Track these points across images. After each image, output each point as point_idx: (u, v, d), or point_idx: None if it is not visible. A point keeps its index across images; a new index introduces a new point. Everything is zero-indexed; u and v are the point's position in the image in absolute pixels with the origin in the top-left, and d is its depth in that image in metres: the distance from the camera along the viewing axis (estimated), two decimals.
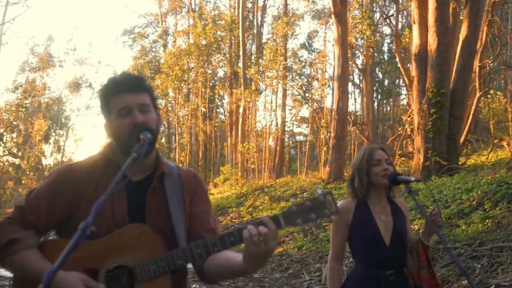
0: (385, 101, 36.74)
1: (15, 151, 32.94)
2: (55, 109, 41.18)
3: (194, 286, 3.94)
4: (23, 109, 29.04)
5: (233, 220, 14.40)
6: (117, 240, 1.75)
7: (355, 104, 36.51)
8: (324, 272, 7.67)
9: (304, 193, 14.37)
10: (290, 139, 35.42)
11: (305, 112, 33.54)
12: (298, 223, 1.69)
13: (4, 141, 28.32)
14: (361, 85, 27.85)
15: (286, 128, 31.37)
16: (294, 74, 28.21)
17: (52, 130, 41.42)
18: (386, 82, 34.87)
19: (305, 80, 30.06)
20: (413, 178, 2.81)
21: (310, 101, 27.92)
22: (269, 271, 9.16)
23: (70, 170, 1.88)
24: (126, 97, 1.81)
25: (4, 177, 30.71)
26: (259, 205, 14.93)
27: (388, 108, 36.19)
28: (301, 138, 34.48)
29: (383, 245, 2.84)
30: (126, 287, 1.73)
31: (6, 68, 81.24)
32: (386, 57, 32.12)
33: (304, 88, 29.11)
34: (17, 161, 33.98)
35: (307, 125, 31.01)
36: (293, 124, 34.88)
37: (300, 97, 28.58)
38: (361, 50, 25.48)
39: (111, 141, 1.91)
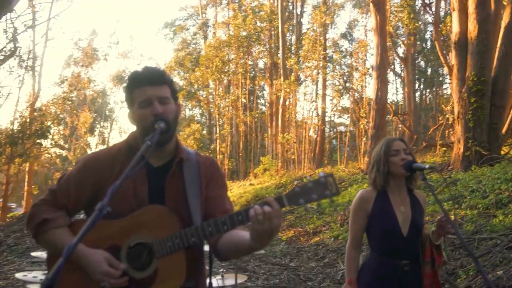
0: (427, 91, 36.01)
1: (62, 143, 34.04)
2: (99, 102, 42.27)
3: (222, 270, 4.07)
4: (69, 102, 29.89)
5: None
6: (137, 220, 1.91)
7: (396, 94, 35.97)
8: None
9: (342, 183, 14.35)
10: (331, 129, 35.27)
11: (345, 102, 33.23)
12: (300, 203, 1.78)
13: (52, 133, 29.28)
14: (402, 74, 27.36)
15: (327, 119, 31.24)
16: (334, 64, 28.02)
17: (97, 122, 42.57)
18: (429, 71, 34.13)
19: (346, 70, 29.81)
20: (427, 166, 2.86)
21: (350, 91, 27.72)
22: (305, 260, 9.26)
23: (96, 157, 2.07)
24: (148, 89, 1.96)
25: (52, 169, 31.91)
26: None
27: (431, 98, 35.47)
28: (342, 128, 34.26)
29: (401, 236, 2.91)
30: (146, 262, 1.89)
31: (53, 63, 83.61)
32: (428, 46, 31.41)
33: (344, 78, 28.90)
34: (64, 152, 35.19)
35: (348, 115, 30.82)
36: (334, 114, 34.71)
37: (340, 87, 28.41)
38: (402, 39, 25.06)
39: (134, 130, 2.06)
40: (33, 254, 4.97)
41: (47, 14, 25.71)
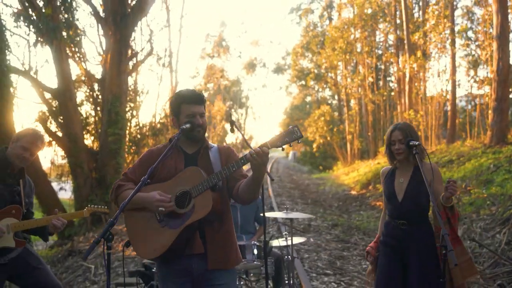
0: None
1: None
2: (234, 90, 44.52)
3: (285, 233, 4.89)
4: (206, 93, 31.92)
5: None
6: (179, 178, 2.95)
7: None
8: None
9: (461, 158, 14.09)
10: (469, 102, 33.50)
11: (483, 73, 31.28)
12: (278, 145, 2.71)
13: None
14: None
15: (463, 92, 29.83)
16: (462, 36, 26.60)
17: (233, 110, 44.94)
18: None
19: (474, 42, 28.08)
20: (417, 143, 3.47)
21: (488, 61, 26.16)
22: None
23: (151, 151, 3.18)
24: (193, 107, 3.02)
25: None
26: None
27: None
28: (473, 102, 32.37)
29: (396, 201, 3.63)
30: (188, 202, 2.88)
31: (187, 57, 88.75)
32: None
33: (473, 51, 27.30)
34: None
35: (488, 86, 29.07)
36: (471, 86, 32.93)
37: (475, 57, 26.91)
38: None
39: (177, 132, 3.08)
40: None
41: (180, 12, 27.85)
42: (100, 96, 17.66)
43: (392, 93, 30.52)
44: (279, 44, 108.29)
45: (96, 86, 18.26)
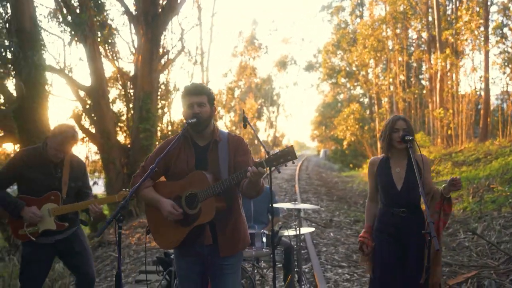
0: None
1: (233, 128, 37.13)
2: (265, 88, 44.80)
3: (294, 223, 5.11)
4: (238, 90, 32.23)
5: None
6: (189, 180, 3.19)
7: None
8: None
9: (488, 157, 14.03)
10: (497, 101, 32.90)
11: None
12: (274, 165, 2.91)
13: (224, 120, 32.06)
14: None
15: (492, 93, 29.35)
16: (497, 33, 26.16)
17: (265, 108, 45.24)
18: None
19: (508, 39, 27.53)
20: (411, 137, 3.71)
21: None
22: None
23: (167, 141, 3.36)
24: (190, 97, 3.25)
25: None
26: (441, 170, 15.02)
27: None
28: (508, 101, 31.74)
29: (396, 190, 3.82)
30: (195, 204, 3.14)
31: (218, 55, 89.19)
32: None
33: (508, 48, 26.82)
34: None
35: None
36: (507, 84, 32.33)
37: (505, 58, 26.46)
38: None
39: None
40: None
41: (211, 10, 28.31)
42: (132, 94, 18.20)
43: (425, 92, 30.22)
44: (310, 42, 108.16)
45: (128, 84, 18.82)
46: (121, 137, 18.38)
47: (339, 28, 39.47)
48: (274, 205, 4.98)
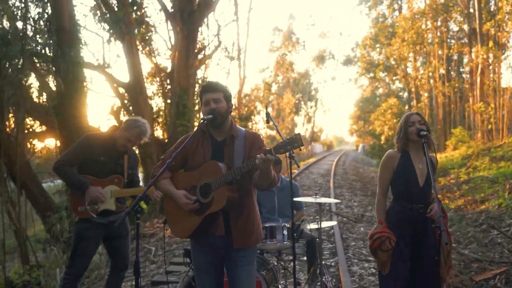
0: None
1: (270, 124, 37.21)
2: (303, 83, 44.66)
3: (316, 217, 5.20)
4: (275, 85, 32.29)
5: (451, 180, 14.58)
6: (203, 170, 3.30)
7: None
8: None
9: None
10: None
11: None
12: (281, 152, 2.99)
13: (261, 115, 32.14)
14: None
15: None
16: None
17: (303, 103, 45.14)
18: None
19: None
20: (426, 132, 3.78)
21: None
22: (463, 226, 9.51)
23: (183, 138, 3.46)
24: (207, 94, 3.36)
25: (263, 148, 35.42)
26: (479, 166, 14.74)
27: None
28: None
29: (418, 186, 3.87)
30: (209, 193, 3.25)
31: (255, 50, 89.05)
32: None
33: None
34: (273, 133, 38.51)
35: None
36: None
37: None
38: None
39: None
40: None
41: (248, 6, 28.47)
42: (169, 90, 18.55)
43: (466, 85, 29.57)
44: (349, 36, 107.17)
45: (166, 80, 19.20)
46: (159, 132, 18.78)
47: (377, 21, 38.96)
48: (296, 199, 5.08)
